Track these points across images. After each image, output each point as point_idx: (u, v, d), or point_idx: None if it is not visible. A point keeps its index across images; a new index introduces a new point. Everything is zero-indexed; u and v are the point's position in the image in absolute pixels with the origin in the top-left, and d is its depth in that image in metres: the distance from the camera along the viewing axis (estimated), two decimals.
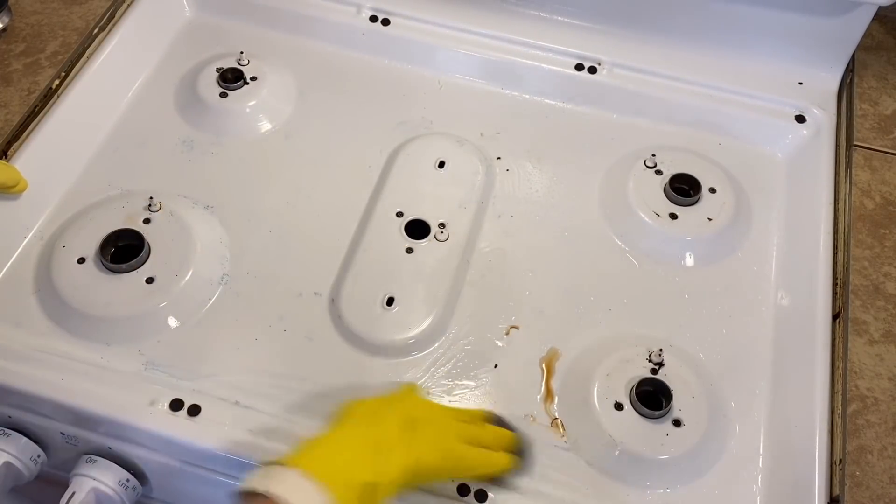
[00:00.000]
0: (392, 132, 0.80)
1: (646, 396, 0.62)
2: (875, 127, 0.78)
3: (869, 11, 0.76)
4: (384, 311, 0.67)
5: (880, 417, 0.61)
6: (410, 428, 0.53)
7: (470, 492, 0.59)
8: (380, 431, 0.52)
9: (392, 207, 0.73)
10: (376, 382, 0.65)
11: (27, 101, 0.75)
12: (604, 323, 0.69)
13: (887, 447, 0.59)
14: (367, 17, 0.86)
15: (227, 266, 0.70)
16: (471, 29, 0.84)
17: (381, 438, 0.52)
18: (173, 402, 0.62)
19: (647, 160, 0.76)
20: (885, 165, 0.75)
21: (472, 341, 0.67)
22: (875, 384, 0.62)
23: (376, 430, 0.52)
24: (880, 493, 0.57)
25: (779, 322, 0.70)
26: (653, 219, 0.73)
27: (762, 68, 0.82)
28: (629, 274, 0.72)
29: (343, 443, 0.51)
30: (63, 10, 0.82)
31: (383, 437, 0.52)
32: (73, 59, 0.78)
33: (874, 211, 0.72)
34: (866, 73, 0.82)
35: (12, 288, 0.68)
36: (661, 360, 0.64)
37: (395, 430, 0.53)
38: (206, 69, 0.81)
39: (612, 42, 0.83)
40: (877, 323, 0.65)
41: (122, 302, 0.66)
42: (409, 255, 0.70)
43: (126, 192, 0.74)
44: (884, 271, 0.68)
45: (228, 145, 0.79)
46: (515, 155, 0.79)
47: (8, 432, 0.64)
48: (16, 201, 0.71)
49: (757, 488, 0.62)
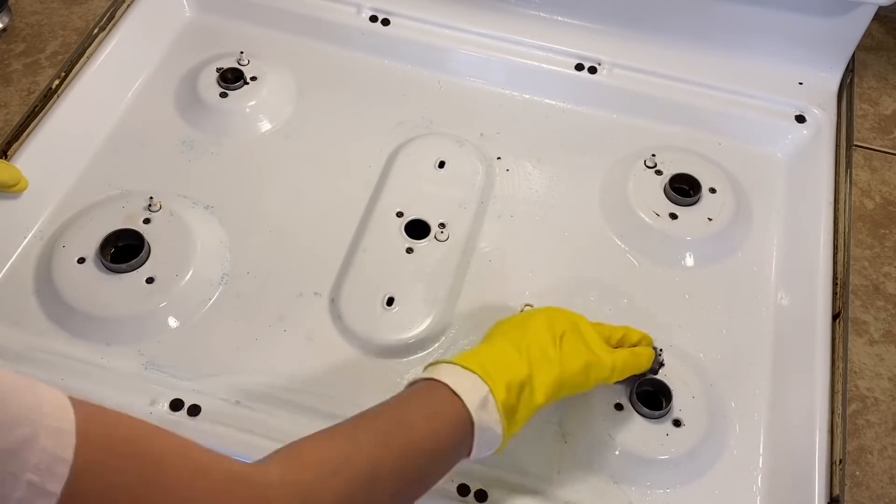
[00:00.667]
0: (392, 132, 0.80)
1: (646, 396, 0.62)
2: (875, 127, 0.78)
3: (869, 11, 0.76)
4: (384, 311, 0.67)
5: (880, 417, 0.61)
6: (557, 337, 0.56)
7: (470, 492, 0.59)
8: (529, 338, 0.55)
9: (392, 207, 0.73)
10: (376, 382, 0.65)
11: (27, 101, 0.75)
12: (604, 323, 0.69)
13: (887, 447, 0.59)
14: (367, 17, 0.86)
15: (227, 266, 0.70)
16: (471, 29, 0.84)
17: (531, 344, 0.54)
18: (173, 402, 0.62)
19: (647, 160, 0.76)
20: (885, 165, 0.75)
21: (472, 341, 0.67)
22: (875, 384, 0.62)
23: (526, 337, 0.55)
24: (880, 493, 0.57)
25: (779, 322, 0.70)
26: (653, 219, 0.73)
27: (762, 68, 0.82)
28: (629, 274, 0.72)
29: (497, 347, 0.54)
30: (63, 10, 0.82)
31: (533, 343, 0.54)
32: (73, 59, 0.78)
33: (874, 211, 0.72)
34: (866, 73, 0.82)
35: (12, 288, 0.68)
36: (661, 360, 0.64)
37: (544, 338, 0.55)
38: (206, 69, 0.81)
39: (612, 42, 0.83)
40: (877, 323, 0.65)
41: (122, 302, 0.66)
42: (409, 255, 0.70)
43: (126, 192, 0.74)
44: (884, 271, 0.68)
45: (228, 145, 0.79)
46: (515, 155, 0.79)
47: None
48: (16, 201, 0.71)
49: (757, 488, 0.62)
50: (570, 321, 0.57)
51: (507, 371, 0.52)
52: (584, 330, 0.57)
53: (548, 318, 0.57)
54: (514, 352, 0.54)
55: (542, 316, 0.57)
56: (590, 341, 0.57)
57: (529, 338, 0.55)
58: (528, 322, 0.57)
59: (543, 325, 0.56)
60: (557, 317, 0.57)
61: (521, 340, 0.55)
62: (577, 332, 0.57)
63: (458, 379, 0.50)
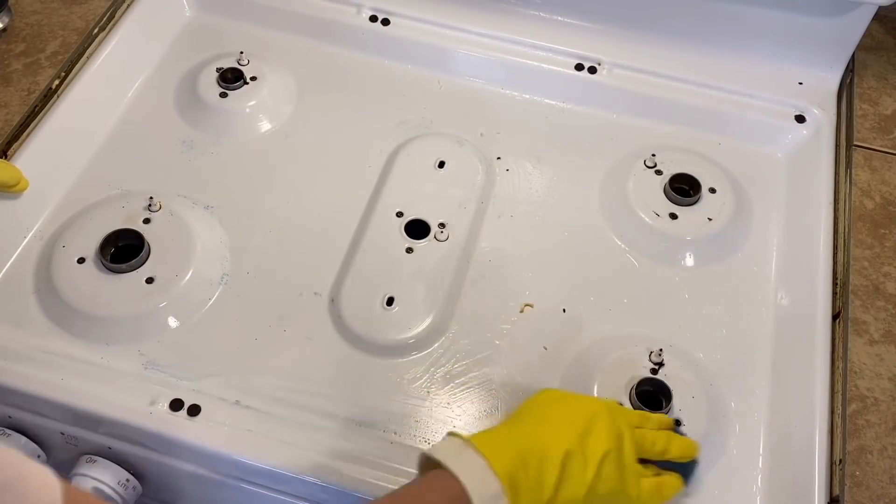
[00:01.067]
0: (392, 132, 0.80)
1: (646, 396, 0.62)
2: (875, 127, 0.78)
3: (869, 11, 0.76)
4: (384, 311, 0.67)
5: (880, 417, 0.61)
6: (602, 455, 0.51)
7: None
8: (582, 446, 0.50)
9: (392, 207, 0.73)
10: (376, 382, 0.65)
11: (27, 101, 0.75)
12: (604, 323, 0.69)
13: (887, 447, 0.59)
14: (367, 17, 0.86)
15: (227, 266, 0.70)
16: (471, 29, 0.84)
17: (574, 453, 0.50)
18: (173, 402, 0.62)
19: (647, 160, 0.76)
20: (885, 165, 0.75)
21: (472, 341, 0.67)
22: (875, 384, 0.62)
23: (579, 443, 0.50)
24: (880, 493, 0.57)
25: (779, 322, 0.70)
26: (653, 219, 0.73)
27: (762, 68, 0.82)
28: (629, 274, 0.72)
29: (534, 446, 0.49)
30: (63, 10, 0.82)
31: (578, 454, 0.50)
32: (73, 59, 0.78)
33: (874, 211, 0.72)
34: (866, 73, 0.82)
35: (12, 288, 0.68)
36: (661, 360, 0.64)
37: (594, 452, 0.50)
38: (206, 69, 0.81)
39: (612, 42, 0.83)
40: (877, 323, 0.65)
41: (122, 302, 0.66)
42: (409, 255, 0.70)
43: (126, 192, 0.74)
44: (884, 271, 0.68)
45: (228, 145, 0.79)
46: (515, 155, 0.79)
47: (8, 432, 0.64)
48: (16, 201, 0.71)
49: (757, 488, 0.62)
50: (620, 434, 0.52)
51: (537, 489, 0.48)
52: (626, 450, 0.52)
53: (609, 427, 0.52)
54: (554, 459, 0.49)
55: (606, 424, 0.52)
56: (626, 466, 0.52)
57: (584, 446, 0.50)
58: (591, 425, 0.51)
59: (603, 437, 0.51)
60: (614, 427, 0.52)
61: (571, 443, 0.50)
62: (619, 454, 0.52)
63: (481, 487, 0.47)
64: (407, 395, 0.65)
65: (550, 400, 0.54)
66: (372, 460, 0.60)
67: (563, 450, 0.50)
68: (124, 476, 0.63)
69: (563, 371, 0.66)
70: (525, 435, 0.51)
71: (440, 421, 0.63)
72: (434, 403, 0.64)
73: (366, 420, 0.63)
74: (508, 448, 0.49)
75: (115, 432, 0.62)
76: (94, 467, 0.62)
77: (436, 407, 0.64)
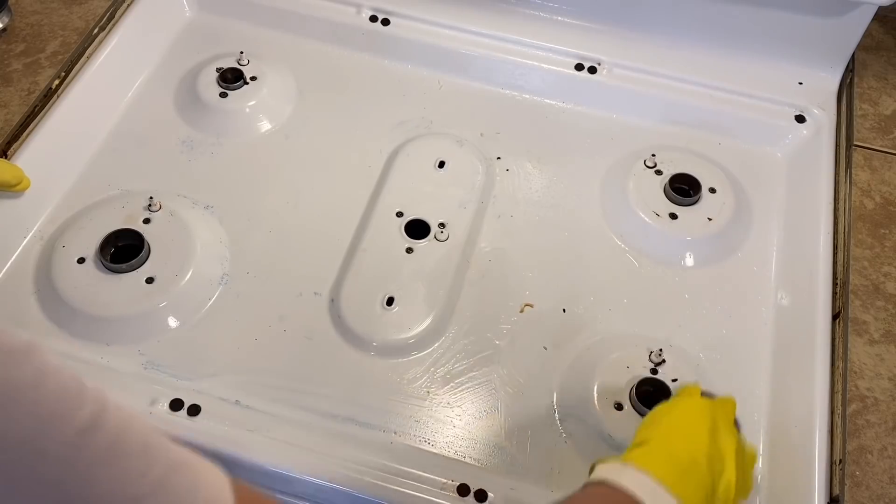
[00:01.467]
0: (392, 132, 0.80)
1: (646, 396, 0.62)
2: (875, 127, 0.78)
3: (869, 11, 0.76)
4: (384, 311, 0.67)
5: (880, 417, 0.61)
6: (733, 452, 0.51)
7: (470, 492, 0.59)
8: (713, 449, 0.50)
9: (392, 207, 0.73)
10: (376, 382, 0.65)
11: (27, 101, 0.75)
12: (604, 323, 0.69)
13: (887, 447, 0.59)
14: (367, 17, 0.86)
15: (227, 266, 0.70)
16: (471, 29, 0.84)
17: (713, 456, 0.50)
18: (173, 402, 0.62)
19: (647, 160, 0.76)
20: (885, 165, 0.75)
21: (472, 341, 0.67)
22: (875, 384, 0.62)
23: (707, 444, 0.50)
24: (880, 493, 0.57)
25: (779, 322, 0.70)
26: (653, 219, 0.73)
27: (762, 68, 0.82)
28: (629, 274, 0.72)
29: (693, 455, 0.49)
30: (63, 10, 0.82)
31: (716, 456, 0.50)
32: (73, 59, 0.78)
33: (874, 211, 0.72)
34: (866, 73, 0.82)
35: (12, 288, 0.68)
36: (662, 360, 0.64)
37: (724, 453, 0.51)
38: (206, 69, 0.81)
39: (612, 42, 0.83)
40: (877, 323, 0.65)
41: (122, 302, 0.66)
42: (409, 255, 0.70)
43: (126, 192, 0.74)
44: (884, 271, 0.68)
45: (228, 145, 0.79)
46: (515, 155, 0.79)
47: None
48: (16, 201, 0.71)
49: (757, 488, 0.62)
50: (730, 426, 0.53)
51: (702, 493, 0.48)
52: (739, 439, 0.53)
53: (725, 423, 0.53)
54: (702, 464, 0.49)
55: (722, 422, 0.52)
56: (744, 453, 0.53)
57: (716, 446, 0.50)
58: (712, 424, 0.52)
59: (726, 434, 0.52)
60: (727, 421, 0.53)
61: (707, 446, 0.50)
62: (741, 445, 0.53)
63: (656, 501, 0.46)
64: (407, 395, 0.65)
65: (664, 413, 0.54)
66: (372, 460, 0.60)
67: (705, 454, 0.49)
68: None
69: (563, 371, 0.66)
70: (666, 448, 0.50)
71: (440, 421, 0.63)
72: (434, 403, 0.64)
73: (366, 420, 0.63)
74: (661, 462, 0.48)
75: None
76: None
77: (436, 407, 0.64)
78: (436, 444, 0.62)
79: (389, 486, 0.58)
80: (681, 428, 0.52)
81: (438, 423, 0.63)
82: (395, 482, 0.59)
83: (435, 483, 0.59)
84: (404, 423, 0.63)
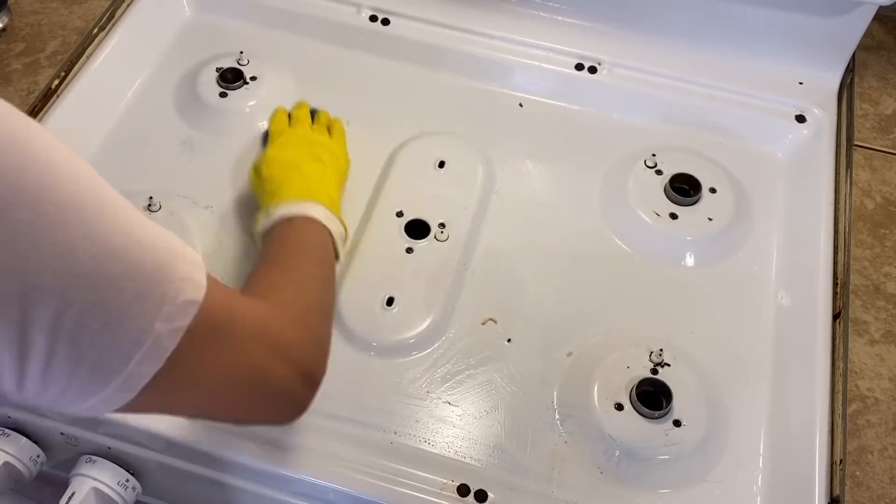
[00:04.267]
0: (392, 132, 0.80)
1: (646, 396, 0.62)
2: (875, 127, 0.78)
3: (869, 11, 0.76)
4: (384, 311, 0.67)
5: (881, 417, 0.61)
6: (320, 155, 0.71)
7: (470, 492, 0.59)
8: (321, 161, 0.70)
9: (392, 207, 0.73)
10: (376, 382, 0.65)
11: (27, 101, 0.75)
12: (604, 323, 0.69)
13: (888, 447, 0.59)
14: (367, 17, 0.86)
15: (227, 266, 0.70)
16: (471, 29, 0.84)
17: (325, 154, 0.70)
18: None
19: (647, 160, 0.76)
20: (886, 165, 0.75)
21: (472, 341, 0.67)
22: (875, 384, 0.62)
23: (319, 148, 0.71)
24: (880, 494, 0.57)
25: (779, 322, 0.70)
26: (653, 219, 0.73)
27: (762, 68, 0.82)
28: (629, 274, 0.72)
29: (313, 170, 0.68)
30: (63, 9, 0.82)
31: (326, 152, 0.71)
32: (72, 59, 0.78)
33: (874, 211, 0.72)
34: (866, 73, 0.82)
35: None
36: (661, 360, 0.64)
37: (327, 162, 0.70)
38: (206, 69, 0.81)
39: (612, 42, 0.83)
40: (877, 323, 0.65)
41: None
42: (409, 255, 0.70)
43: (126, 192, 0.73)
44: (884, 271, 0.68)
45: (228, 145, 0.79)
46: (515, 155, 0.79)
47: (8, 432, 0.64)
48: None
49: (757, 488, 0.62)
50: (320, 144, 0.72)
51: (327, 189, 0.67)
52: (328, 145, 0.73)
53: (306, 123, 0.76)
54: (328, 168, 0.69)
55: (306, 123, 0.75)
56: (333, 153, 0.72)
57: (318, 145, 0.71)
58: (310, 137, 0.73)
59: (318, 132, 0.74)
60: (307, 121, 0.76)
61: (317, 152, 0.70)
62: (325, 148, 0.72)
63: (321, 212, 0.64)
64: (407, 395, 0.65)
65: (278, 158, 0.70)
66: (372, 460, 0.60)
67: (318, 158, 0.70)
68: (124, 476, 0.63)
69: (563, 371, 0.66)
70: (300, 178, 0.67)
71: (440, 421, 0.63)
72: (434, 403, 0.64)
73: (366, 420, 0.63)
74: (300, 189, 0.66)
75: (115, 432, 0.62)
76: (94, 467, 0.62)
77: (436, 407, 0.64)
78: (436, 444, 0.62)
79: (389, 487, 0.58)
80: (296, 160, 0.68)
81: (438, 423, 0.63)
82: (395, 482, 0.59)
83: (435, 483, 0.59)
84: (404, 423, 0.63)
